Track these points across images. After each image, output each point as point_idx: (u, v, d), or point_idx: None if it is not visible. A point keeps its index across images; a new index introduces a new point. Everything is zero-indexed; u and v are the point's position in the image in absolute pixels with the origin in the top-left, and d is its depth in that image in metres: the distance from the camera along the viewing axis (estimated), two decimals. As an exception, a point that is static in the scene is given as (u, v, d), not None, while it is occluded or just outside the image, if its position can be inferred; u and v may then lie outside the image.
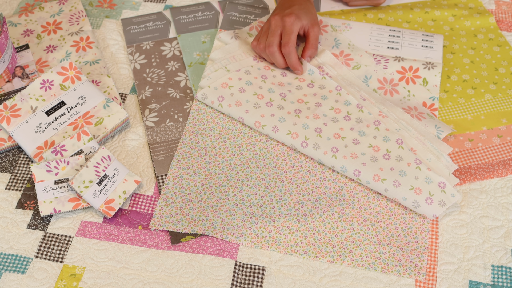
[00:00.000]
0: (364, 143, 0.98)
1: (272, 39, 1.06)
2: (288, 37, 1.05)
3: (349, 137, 0.99)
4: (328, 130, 1.00)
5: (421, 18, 1.21)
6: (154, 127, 1.04)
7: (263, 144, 1.02)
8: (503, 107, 1.07)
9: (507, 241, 0.91)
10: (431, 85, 1.09)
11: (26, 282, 0.87)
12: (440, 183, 0.93)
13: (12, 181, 0.98)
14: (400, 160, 0.96)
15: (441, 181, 0.93)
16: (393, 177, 0.94)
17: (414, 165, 0.95)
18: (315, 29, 1.08)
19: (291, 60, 1.07)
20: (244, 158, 1.00)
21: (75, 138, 0.97)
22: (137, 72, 1.12)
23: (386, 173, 0.94)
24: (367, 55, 1.12)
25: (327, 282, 0.87)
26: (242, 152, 1.01)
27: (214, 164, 0.99)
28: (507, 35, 1.18)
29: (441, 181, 0.93)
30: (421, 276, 0.87)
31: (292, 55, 1.06)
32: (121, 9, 1.24)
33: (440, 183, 0.93)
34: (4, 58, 1.04)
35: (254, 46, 1.10)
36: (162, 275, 0.88)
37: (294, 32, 1.05)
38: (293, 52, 1.06)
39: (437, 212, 0.91)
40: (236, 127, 1.04)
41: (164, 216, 0.93)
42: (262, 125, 1.01)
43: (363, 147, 0.98)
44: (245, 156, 1.00)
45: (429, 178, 0.94)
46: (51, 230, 0.92)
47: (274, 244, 0.90)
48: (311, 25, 1.08)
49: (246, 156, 1.00)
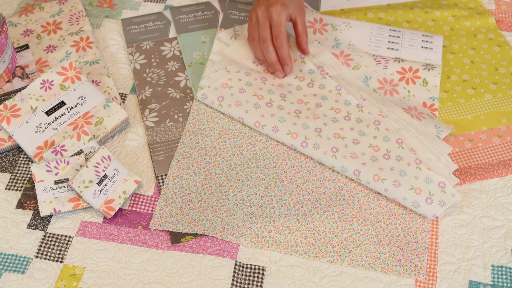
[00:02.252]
0: (364, 143, 0.98)
1: (265, 34, 1.05)
2: (278, 29, 1.04)
3: (349, 137, 0.99)
4: (328, 130, 1.00)
5: (421, 18, 1.21)
6: (154, 127, 1.04)
7: (263, 144, 1.02)
8: (503, 107, 1.07)
9: (507, 241, 0.91)
10: (431, 86, 1.09)
11: (26, 282, 0.87)
12: (440, 183, 0.93)
13: (12, 181, 0.98)
14: (400, 160, 0.96)
15: (441, 181, 0.93)
16: (393, 177, 0.94)
17: (414, 165, 0.95)
18: (301, 15, 1.07)
19: (283, 53, 1.05)
20: (244, 158, 1.00)
21: (75, 138, 0.97)
22: (137, 72, 1.12)
23: (386, 173, 0.94)
24: (367, 56, 1.12)
25: (327, 282, 0.87)
26: (242, 152, 1.01)
27: (214, 164, 0.99)
28: (507, 35, 1.18)
29: (441, 181, 0.93)
30: (421, 276, 0.87)
31: (284, 48, 1.05)
32: (121, 9, 1.24)
33: (440, 183, 0.93)
34: (4, 58, 1.04)
35: (250, 43, 1.09)
36: (162, 275, 0.88)
37: (283, 23, 1.04)
38: (285, 44, 1.05)
39: (437, 212, 0.91)
40: (236, 127, 1.04)
41: (164, 216, 0.93)
42: (262, 125, 1.01)
43: (363, 147, 0.98)
44: (245, 156, 1.00)
45: (429, 178, 0.94)
46: (51, 230, 0.92)
47: (274, 244, 0.91)
48: (298, 12, 1.07)
49: (246, 156, 1.00)
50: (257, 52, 1.09)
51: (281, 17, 1.03)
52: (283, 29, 1.04)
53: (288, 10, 1.05)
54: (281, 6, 1.03)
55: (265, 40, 1.05)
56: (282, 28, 1.04)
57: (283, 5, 1.04)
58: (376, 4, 1.24)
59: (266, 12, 1.04)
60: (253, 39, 1.08)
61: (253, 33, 1.08)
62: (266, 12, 1.04)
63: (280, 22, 1.04)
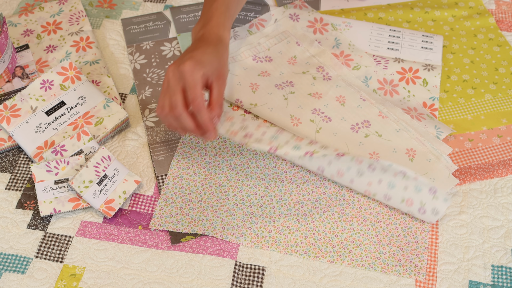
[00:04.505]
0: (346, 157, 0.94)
1: (175, 99, 0.87)
2: (193, 91, 0.86)
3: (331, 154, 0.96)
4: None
5: (421, 18, 1.21)
6: (154, 127, 1.04)
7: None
8: (503, 107, 1.07)
9: (507, 241, 0.91)
10: (431, 86, 1.09)
11: (26, 282, 0.87)
12: (431, 189, 0.90)
13: (12, 181, 0.98)
14: (385, 171, 0.92)
15: (431, 187, 0.90)
16: (383, 191, 0.92)
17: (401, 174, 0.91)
18: (220, 82, 0.90)
19: (202, 118, 0.87)
20: (244, 158, 1.00)
21: (75, 138, 0.97)
22: (137, 72, 1.12)
23: (375, 187, 0.93)
24: (367, 56, 1.12)
25: (327, 282, 0.87)
26: (242, 152, 1.01)
27: (214, 164, 0.99)
28: (507, 35, 1.18)
29: (431, 187, 0.90)
30: (421, 276, 0.87)
31: (202, 113, 0.87)
32: (121, 9, 1.24)
33: (430, 189, 0.90)
34: (4, 58, 1.04)
35: (159, 114, 0.90)
36: (162, 275, 0.88)
37: (198, 83, 0.86)
38: (203, 109, 0.87)
39: (432, 220, 0.91)
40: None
41: (164, 216, 0.93)
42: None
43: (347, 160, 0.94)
44: (245, 156, 1.00)
45: (418, 186, 0.91)
46: (51, 230, 0.92)
47: (274, 244, 0.91)
48: (216, 77, 0.90)
49: (246, 156, 1.00)
50: (169, 122, 0.91)
51: (195, 76, 0.86)
52: (199, 90, 0.87)
53: (203, 69, 0.87)
54: (195, 63, 0.87)
55: (176, 106, 0.87)
56: (198, 89, 0.86)
57: (197, 62, 0.87)
58: (376, 4, 1.24)
59: (177, 72, 0.87)
60: (162, 108, 0.89)
61: (163, 101, 0.89)
62: (177, 72, 0.87)
63: (194, 82, 0.86)
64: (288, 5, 1.21)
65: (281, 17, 1.18)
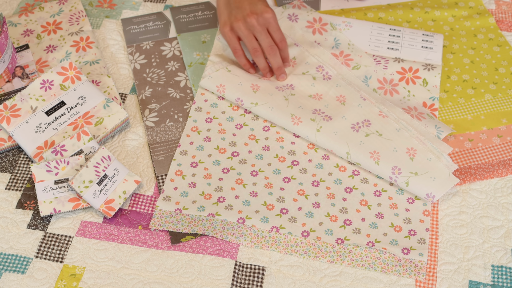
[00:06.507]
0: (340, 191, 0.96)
1: (270, 40, 1.05)
2: (279, 32, 1.06)
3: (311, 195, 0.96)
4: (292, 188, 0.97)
5: (421, 18, 1.21)
6: (154, 127, 1.04)
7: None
8: (503, 107, 1.07)
9: (507, 241, 0.91)
10: (431, 86, 1.09)
11: (26, 282, 0.87)
12: (410, 231, 0.91)
13: (12, 181, 0.98)
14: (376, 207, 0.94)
15: (411, 229, 0.91)
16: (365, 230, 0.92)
17: (392, 211, 0.93)
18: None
19: (287, 54, 1.08)
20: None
21: (75, 138, 0.97)
22: (137, 72, 1.12)
23: (360, 223, 0.93)
24: (367, 56, 1.12)
25: (327, 282, 0.87)
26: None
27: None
28: (507, 35, 1.18)
29: (411, 229, 0.91)
30: (421, 276, 0.87)
31: (287, 50, 1.08)
32: (121, 9, 1.24)
33: (410, 231, 0.91)
34: (4, 58, 1.04)
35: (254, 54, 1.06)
36: (162, 275, 0.88)
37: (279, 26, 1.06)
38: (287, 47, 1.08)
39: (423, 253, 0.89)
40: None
41: (164, 216, 0.93)
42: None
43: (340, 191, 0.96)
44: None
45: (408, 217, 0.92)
46: (51, 230, 0.92)
47: (274, 244, 0.91)
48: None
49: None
50: (262, 61, 1.07)
51: (277, 21, 1.06)
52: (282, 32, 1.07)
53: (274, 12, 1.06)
54: (271, 10, 1.05)
55: (272, 45, 1.05)
56: (281, 31, 1.07)
57: (270, 9, 1.05)
58: (376, 4, 1.24)
59: (262, 19, 1.04)
60: (256, 49, 1.06)
61: (252, 43, 1.06)
62: (262, 19, 1.04)
63: (278, 26, 1.06)
64: (287, 6, 1.20)
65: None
